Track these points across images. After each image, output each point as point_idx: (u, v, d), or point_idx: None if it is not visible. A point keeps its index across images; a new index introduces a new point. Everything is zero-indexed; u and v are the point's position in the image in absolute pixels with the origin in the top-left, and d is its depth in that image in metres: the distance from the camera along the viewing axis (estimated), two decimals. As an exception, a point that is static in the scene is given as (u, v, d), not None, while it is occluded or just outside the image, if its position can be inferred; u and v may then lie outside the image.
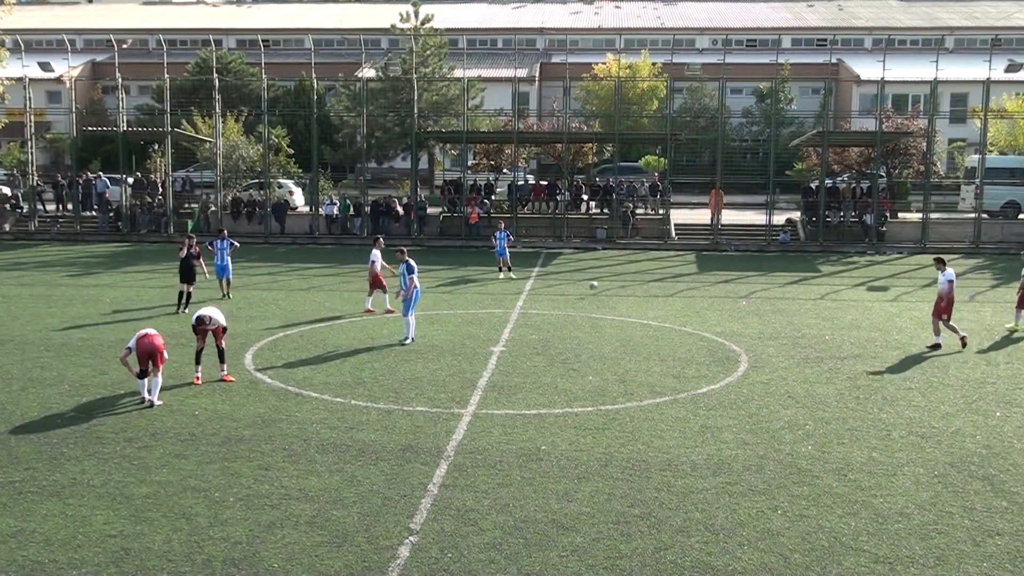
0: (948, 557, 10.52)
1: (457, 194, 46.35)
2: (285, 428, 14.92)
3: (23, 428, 14.81)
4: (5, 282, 31.01)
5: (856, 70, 71.96)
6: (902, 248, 42.56)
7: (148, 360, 15.91)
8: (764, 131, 63.13)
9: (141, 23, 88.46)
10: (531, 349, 20.92)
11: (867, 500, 12.13)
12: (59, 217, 47.94)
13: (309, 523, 11.24)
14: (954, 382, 18.35)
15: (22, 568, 10.06)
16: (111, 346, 20.80)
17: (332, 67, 64.64)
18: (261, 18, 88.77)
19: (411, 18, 57.59)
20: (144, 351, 15.87)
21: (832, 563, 10.34)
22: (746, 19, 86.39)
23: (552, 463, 13.37)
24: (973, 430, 15.18)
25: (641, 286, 31.74)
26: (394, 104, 55.11)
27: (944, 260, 22.53)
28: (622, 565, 10.24)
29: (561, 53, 72.91)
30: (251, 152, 48.40)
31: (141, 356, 15.91)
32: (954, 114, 66.85)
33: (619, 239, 43.97)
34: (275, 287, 30.44)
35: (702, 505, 11.90)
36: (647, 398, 16.95)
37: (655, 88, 62.88)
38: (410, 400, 16.60)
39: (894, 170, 49.21)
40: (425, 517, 11.43)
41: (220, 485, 12.43)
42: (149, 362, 15.92)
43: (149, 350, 15.87)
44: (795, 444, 14.35)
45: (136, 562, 10.20)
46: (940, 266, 22.15)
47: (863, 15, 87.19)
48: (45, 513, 11.50)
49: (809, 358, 20.31)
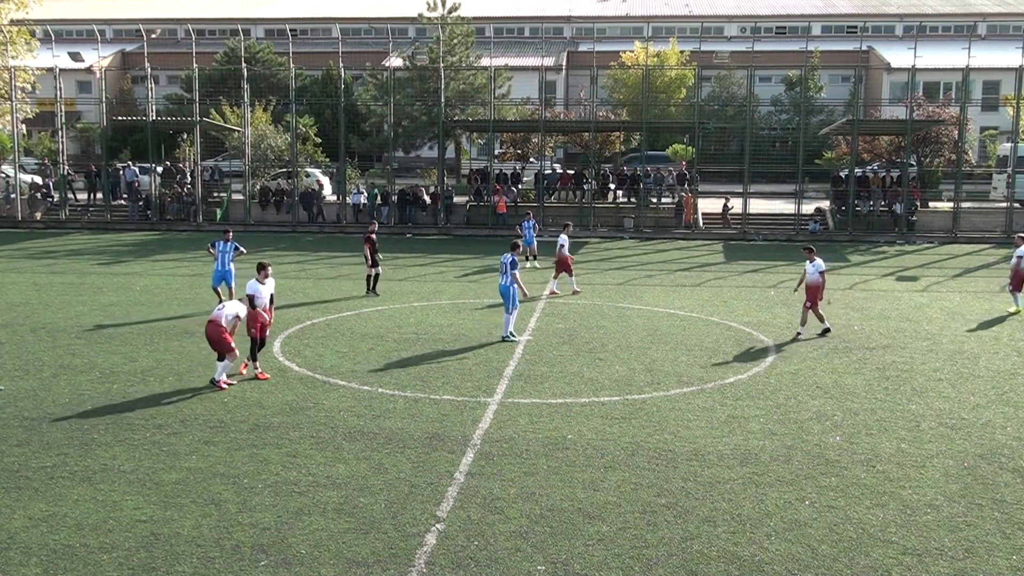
0: (977, 549, 10.43)
1: (484, 183, 46.35)
2: (313, 415, 15.00)
3: (54, 414, 14.98)
4: (36, 270, 31.36)
5: (887, 57, 71.27)
6: (932, 238, 42.16)
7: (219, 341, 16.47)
8: (793, 119, 62.72)
9: (170, 13, 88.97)
10: (557, 338, 20.90)
11: (896, 491, 12.05)
12: (89, 206, 48.40)
13: (336, 510, 11.31)
14: (984, 373, 18.17)
15: (53, 552, 10.19)
16: (141, 334, 21.00)
17: (360, 56, 64.82)
18: (289, 7, 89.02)
19: (438, 7, 57.54)
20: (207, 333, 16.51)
21: (860, 554, 10.28)
22: (775, 6, 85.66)
23: (578, 452, 13.37)
24: (1004, 422, 15.04)
25: (668, 275, 31.62)
26: (421, 93, 55.14)
27: (813, 249, 22.04)
28: (648, 555, 10.23)
29: (588, 41, 72.62)
30: (279, 141, 48.63)
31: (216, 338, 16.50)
32: (986, 102, 66.02)
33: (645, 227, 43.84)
34: (303, 276, 30.59)
35: (729, 495, 11.86)
36: (674, 388, 16.90)
37: (683, 76, 62.53)
38: (437, 389, 16.64)
39: (925, 159, 48.74)
40: (452, 505, 11.47)
41: (249, 472, 12.53)
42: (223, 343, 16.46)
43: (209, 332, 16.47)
44: (823, 435, 14.27)
45: (165, 547, 10.31)
46: (809, 256, 21.62)
47: (894, 1, 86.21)
48: (76, 498, 11.64)
49: (838, 348, 20.17)
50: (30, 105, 50.67)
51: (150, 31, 64.83)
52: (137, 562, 9.96)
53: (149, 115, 47.98)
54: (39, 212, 47.33)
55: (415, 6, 62.50)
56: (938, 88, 65.98)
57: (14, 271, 31.12)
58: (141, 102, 62.02)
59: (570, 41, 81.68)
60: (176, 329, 21.63)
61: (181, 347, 19.76)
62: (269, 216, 46.32)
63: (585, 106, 54.05)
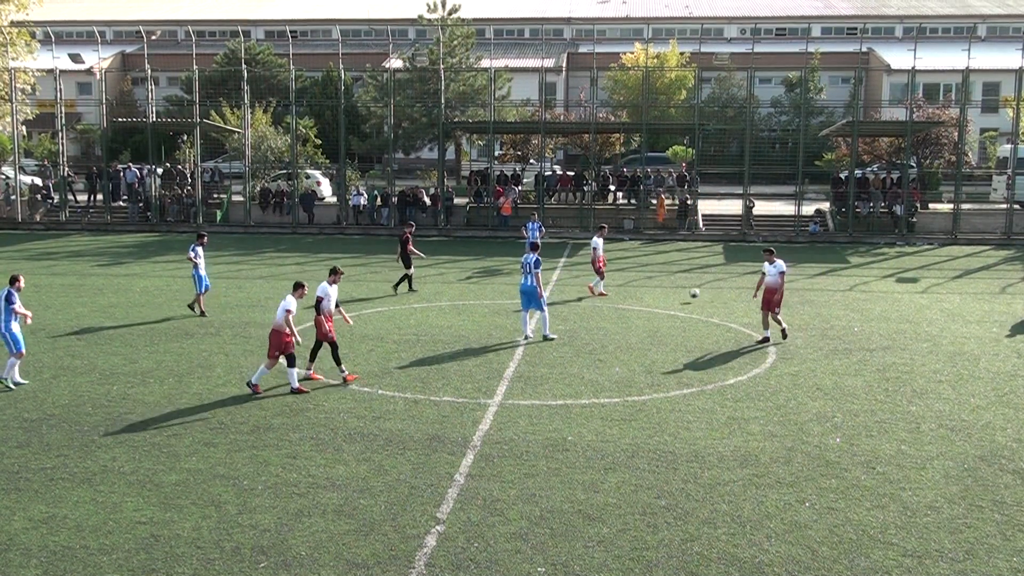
0: (978, 551, 10.43)
1: (484, 185, 46.37)
2: (313, 417, 15.00)
3: (54, 416, 14.98)
4: (36, 271, 31.35)
5: (886, 59, 71.26)
6: (932, 239, 42.14)
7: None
8: (793, 121, 62.71)
9: (170, 14, 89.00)
10: (558, 339, 20.89)
11: (896, 493, 12.04)
12: (89, 207, 48.40)
13: (336, 511, 11.31)
14: (984, 375, 18.17)
15: (53, 554, 10.19)
16: (141, 335, 21.01)
17: (360, 58, 64.84)
18: (289, 9, 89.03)
19: (438, 8, 57.60)
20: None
21: (860, 556, 10.28)
22: (775, 8, 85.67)
23: (578, 454, 13.37)
24: (1004, 423, 15.03)
25: (668, 276, 31.62)
26: (421, 94, 55.16)
27: (773, 251, 21.53)
28: (648, 556, 10.23)
29: (588, 43, 72.57)
30: (279, 143, 48.66)
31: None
32: (986, 103, 66.01)
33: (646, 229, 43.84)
34: (303, 276, 30.45)
35: (729, 497, 11.86)
36: (674, 389, 16.90)
37: (683, 78, 62.54)
38: (437, 390, 16.64)
39: (925, 160, 48.73)
40: (451, 507, 11.47)
41: (249, 473, 12.53)
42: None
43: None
44: (823, 436, 14.27)
45: (165, 548, 10.31)
46: (769, 257, 21.15)
47: (894, 3, 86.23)
48: (76, 499, 11.64)
49: (838, 350, 20.17)
50: (30, 106, 50.67)
51: (150, 32, 64.82)
52: (137, 564, 9.96)
53: (149, 116, 47.98)
54: (39, 214, 47.34)
55: (415, 7, 62.54)
56: (938, 89, 65.98)
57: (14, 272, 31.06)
58: (141, 103, 62.12)
59: (570, 42, 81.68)
60: (176, 331, 21.64)
61: (181, 348, 19.77)
62: (269, 217, 46.35)
63: (585, 107, 54.06)
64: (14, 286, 17.20)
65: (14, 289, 17.12)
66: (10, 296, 16.94)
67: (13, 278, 17.43)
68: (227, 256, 35.73)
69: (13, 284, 17.26)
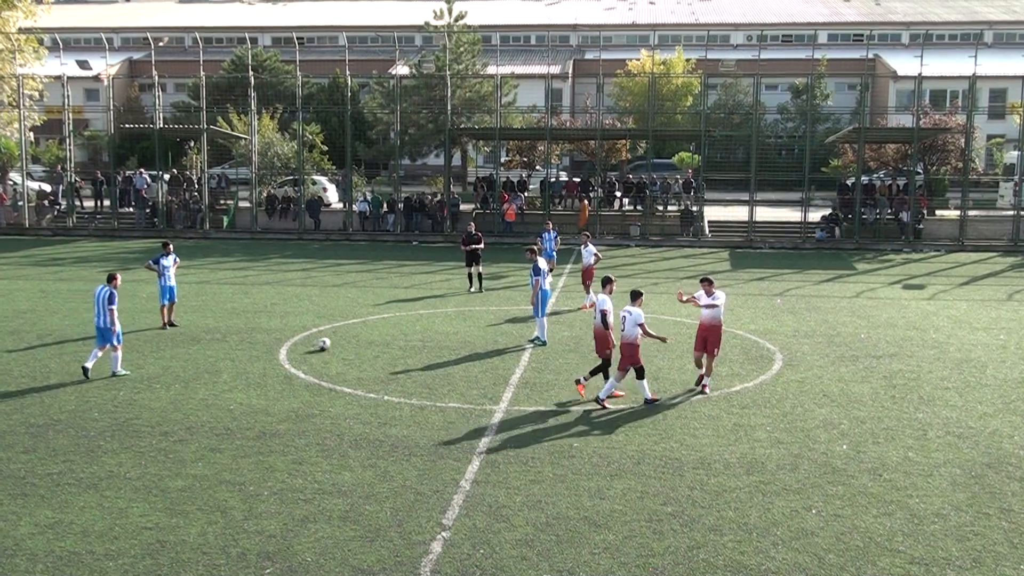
0: (985, 559, 10.39)
1: (490, 191, 46.39)
2: (319, 423, 15.00)
3: (61, 421, 15.01)
4: (44, 277, 31.43)
5: (893, 65, 71.18)
6: (939, 246, 42.05)
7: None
8: (799, 127, 62.66)
9: (177, 21, 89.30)
10: (563, 346, 20.89)
11: (902, 500, 12.01)
12: (96, 213, 48.53)
13: (342, 518, 11.30)
14: (992, 382, 18.11)
15: (59, 559, 10.19)
16: (147, 341, 21.04)
17: (366, 64, 64.99)
18: (296, 16, 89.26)
19: (445, 15, 57.70)
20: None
21: (867, 564, 10.25)
22: (781, 14, 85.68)
23: (584, 460, 13.35)
24: (1011, 431, 14.98)
25: (674, 283, 31.57)
26: (427, 101, 55.23)
27: (712, 281, 17.48)
28: (654, 563, 10.21)
29: (594, 50, 72.58)
30: (286, 149, 48.78)
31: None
32: (993, 110, 65.95)
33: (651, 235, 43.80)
34: (309, 283, 30.61)
35: (735, 504, 11.83)
36: (680, 396, 16.87)
37: (689, 84, 62.55)
38: (443, 396, 16.63)
39: (931, 167, 48.63)
40: (457, 513, 11.46)
41: (254, 479, 12.53)
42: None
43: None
44: (830, 443, 14.23)
45: (171, 554, 10.31)
46: (707, 288, 17.30)
47: (900, 10, 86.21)
48: (82, 505, 11.65)
49: (844, 356, 20.13)
50: (38, 113, 50.79)
51: (157, 39, 64.98)
52: (143, 569, 9.96)
53: (156, 123, 48.10)
54: (46, 220, 47.46)
55: (422, 14, 62.69)
56: (944, 96, 65.85)
57: (21, 278, 31.20)
58: (148, 110, 62.21)
59: (576, 49, 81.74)
60: (182, 336, 21.67)
61: (187, 354, 19.79)
62: (275, 223, 46.45)
63: (591, 114, 54.07)
64: (112, 284, 17.81)
65: (113, 287, 17.75)
66: (112, 297, 17.60)
67: (111, 276, 18.03)
68: (233, 262, 35.80)
69: (111, 283, 17.85)
